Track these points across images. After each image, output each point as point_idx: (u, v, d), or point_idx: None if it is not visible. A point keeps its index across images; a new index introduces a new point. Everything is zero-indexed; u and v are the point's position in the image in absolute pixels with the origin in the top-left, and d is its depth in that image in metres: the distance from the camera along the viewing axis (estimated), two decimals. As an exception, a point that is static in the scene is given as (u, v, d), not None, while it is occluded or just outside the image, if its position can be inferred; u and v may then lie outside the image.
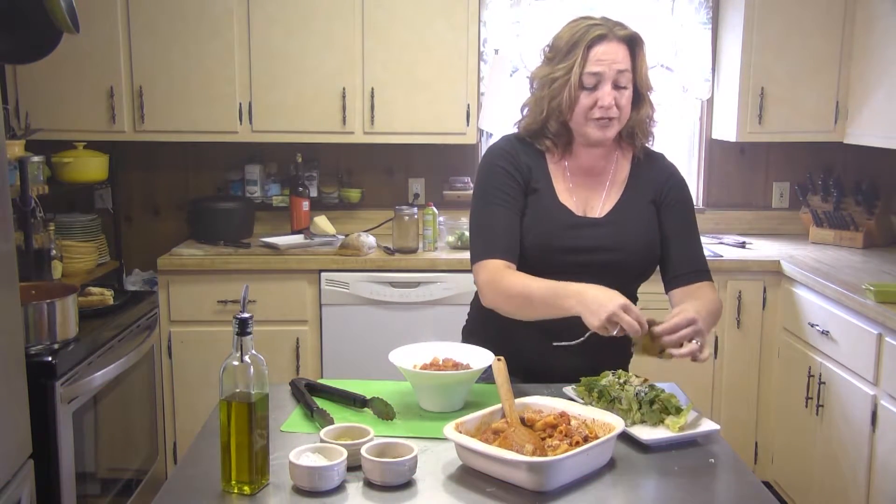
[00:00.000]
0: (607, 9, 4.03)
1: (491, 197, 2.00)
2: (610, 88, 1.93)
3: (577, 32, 1.95)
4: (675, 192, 2.09)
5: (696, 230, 2.10)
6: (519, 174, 2.01)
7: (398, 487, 1.49)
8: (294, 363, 3.62)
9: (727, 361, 3.66)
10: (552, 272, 1.92)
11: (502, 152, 2.04)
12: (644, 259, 2.04)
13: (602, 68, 1.92)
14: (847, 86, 3.78)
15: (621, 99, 1.95)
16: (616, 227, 2.01)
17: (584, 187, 2.05)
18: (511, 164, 2.02)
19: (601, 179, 2.06)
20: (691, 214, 2.10)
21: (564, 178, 2.04)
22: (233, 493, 1.48)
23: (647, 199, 2.06)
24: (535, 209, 2.01)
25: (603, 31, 1.94)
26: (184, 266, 3.58)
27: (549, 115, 1.99)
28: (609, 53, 1.93)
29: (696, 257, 2.07)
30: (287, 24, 3.71)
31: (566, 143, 2.03)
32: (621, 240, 2.00)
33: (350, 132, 3.79)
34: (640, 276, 2.08)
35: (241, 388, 1.48)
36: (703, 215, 4.27)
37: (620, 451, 1.66)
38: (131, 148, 3.97)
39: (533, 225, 2.00)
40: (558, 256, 1.98)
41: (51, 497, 2.44)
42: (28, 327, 2.39)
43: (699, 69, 4.06)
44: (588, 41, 1.93)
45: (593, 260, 1.98)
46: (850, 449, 2.98)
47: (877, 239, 3.89)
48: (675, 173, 2.13)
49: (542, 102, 1.99)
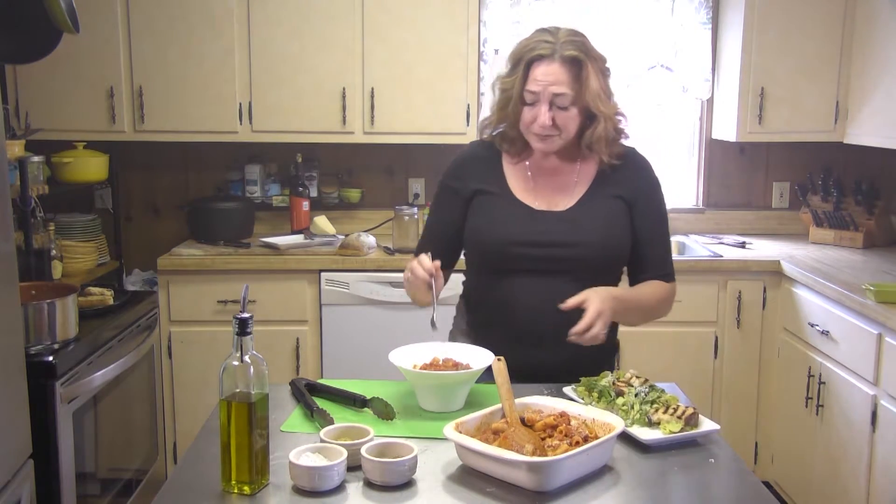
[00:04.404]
0: (607, 9, 4.04)
1: (432, 207, 2.19)
2: (546, 108, 1.96)
3: (525, 47, 1.99)
4: (649, 192, 2.10)
5: (667, 232, 2.13)
6: (461, 184, 2.10)
7: (398, 487, 1.49)
8: (294, 363, 3.62)
9: (727, 361, 3.66)
10: (513, 269, 1.98)
11: (452, 165, 2.16)
12: (603, 255, 2.03)
13: (539, 88, 1.96)
14: (847, 86, 3.78)
15: (561, 118, 1.97)
16: (576, 222, 2.03)
17: (549, 186, 2.08)
18: (456, 180, 2.11)
19: (566, 178, 2.08)
20: (663, 216, 2.12)
21: (525, 178, 2.08)
22: (233, 493, 1.48)
23: (613, 195, 2.06)
24: (488, 209, 2.05)
25: (546, 52, 1.95)
26: (184, 266, 3.58)
27: (503, 121, 2.06)
28: (548, 75, 1.95)
29: (664, 262, 2.11)
30: (287, 24, 3.71)
31: (523, 145, 2.08)
32: (579, 235, 2.01)
33: (350, 132, 3.79)
34: (602, 273, 2.05)
35: (241, 388, 1.48)
36: (703, 215, 4.27)
37: (620, 451, 1.66)
38: (131, 148, 3.97)
39: (489, 223, 2.04)
40: (516, 250, 2.01)
41: (51, 497, 2.44)
42: (28, 327, 2.39)
43: (699, 69, 4.06)
44: (529, 59, 1.96)
45: (551, 254, 2.00)
46: (850, 449, 2.98)
47: (877, 239, 3.89)
48: (648, 170, 2.13)
49: (498, 109, 2.06)
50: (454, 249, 2.12)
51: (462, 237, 2.10)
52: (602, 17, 4.03)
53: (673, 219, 4.16)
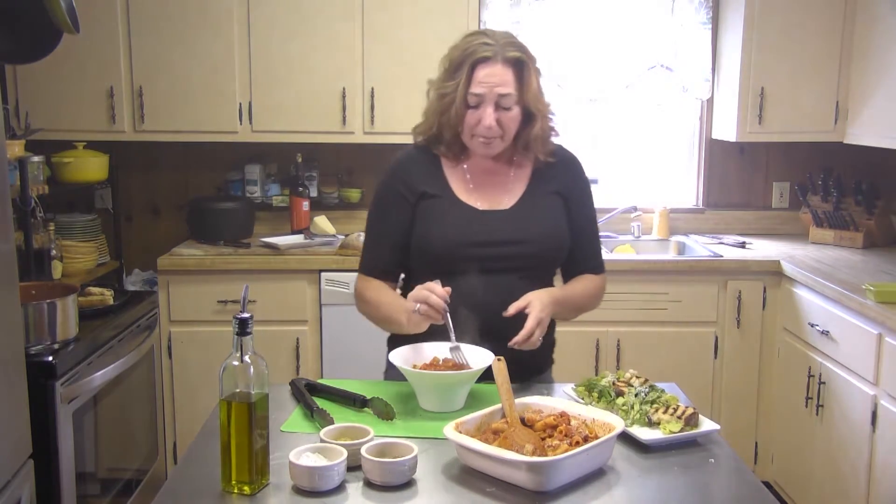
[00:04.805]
0: (607, 9, 4.04)
1: (375, 213, 2.12)
2: (492, 110, 1.97)
3: (467, 50, 1.98)
4: (582, 187, 2.15)
5: (595, 224, 2.17)
6: (406, 189, 2.07)
7: (398, 487, 1.50)
8: (294, 363, 3.62)
9: (727, 361, 3.66)
10: (462, 270, 1.98)
11: (394, 170, 2.12)
12: (552, 249, 2.08)
13: (484, 90, 1.96)
14: (847, 86, 3.78)
15: (504, 119, 1.98)
16: (522, 219, 2.05)
17: (488, 186, 2.09)
18: (402, 184, 2.08)
19: (504, 178, 2.10)
20: (594, 209, 2.17)
21: (464, 179, 2.09)
22: (233, 493, 1.48)
23: (551, 191, 2.09)
24: (435, 212, 2.05)
25: (489, 53, 1.96)
26: (184, 266, 3.58)
27: (441, 126, 2.05)
28: (492, 76, 1.96)
29: (597, 254, 2.18)
30: (287, 24, 3.71)
31: (460, 149, 2.08)
32: (526, 231, 2.04)
33: (350, 132, 3.79)
34: (548, 267, 2.11)
35: (241, 388, 1.48)
36: (702, 215, 4.27)
37: (620, 451, 1.66)
38: (131, 148, 3.97)
39: (436, 226, 2.03)
40: (467, 250, 2.01)
41: (51, 497, 2.44)
42: (28, 327, 2.39)
43: (699, 69, 4.06)
44: (473, 61, 1.96)
45: (500, 253, 2.01)
46: (850, 449, 2.98)
47: (877, 239, 3.89)
48: (578, 165, 2.17)
49: (434, 115, 2.05)
50: (404, 256, 2.09)
51: (407, 243, 2.07)
52: (602, 17, 4.03)
53: (673, 219, 4.20)
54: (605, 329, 3.62)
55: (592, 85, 4.07)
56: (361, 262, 2.14)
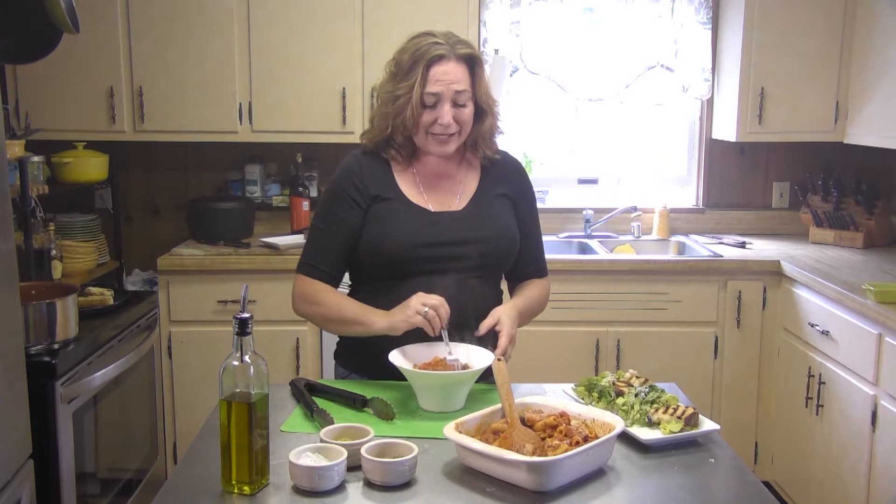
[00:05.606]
0: (607, 9, 4.04)
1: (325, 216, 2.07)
2: (449, 107, 1.98)
3: (418, 51, 1.99)
4: (527, 190, 2.18)
5: (539, 229, 2.21)
6: (358, 193, 2.05)
7: (398, 487, 1.50)
8: (294, 363, 3.62)
9: (727, 361, 3.66)
10: (415, 272, 1.99)
11: (345, 173, 2.09)
12: (505, 249, 2.10)
13: (440, 88, 1.97)
14: (847, 86, 3.78)
15: (461, 116, 2.00)
16: (474, 219, 2.07)
17: (438, 189, 2.10)
18: (351, 185, 2.06)
19: (453, 181, 2.11)
20: (537, 213, 2.20)
21: (415, 183, 2.09)
22: (233, 493, 1.48)
23: (499, 193, 2.12)
24: (387, 215, 2.04)
25: (443, 52, 1.97)
26: (184, 266, 3.58)
27: (395, 129, 2.04)
28: (447, 74, 1.97)
29: (540, 257, 2.21)
30: (287, 24, 3.71)
31: (411, 152, 2.09)
32: (479, 231, 2.06)
33: (350, 132, 3.78)
34: (499, 267, 2.14)
35: (241, 388, 1.48)
36: (703, 215, 4.27)
37: (620, 451, 1.66)
38: (131, 148, 3.97)
39: (390, 229, 2.03)
40: (422, 251, 2.01)
41: (51, 497, 2.44)
42: (28, 327, 2.39)
43: (699, 69, 4.06)
44: (427, 61, 1.97)
45: (454, 253, 2.02)
46: (850, 449, 2.98)
47: (877, 239, 3.89)
48: (523, 169, 2.22)
49: (387, 118, 2.04)
50: (348, 260, 2.09)
51: (355, 247, 2.06)
52: (602, 17, 4.03)
53: (673, 219, 4.20)
54: (605, 329, 3.62)
55: (592, 85, 4.07)
56: (303, 264, 2.08)
